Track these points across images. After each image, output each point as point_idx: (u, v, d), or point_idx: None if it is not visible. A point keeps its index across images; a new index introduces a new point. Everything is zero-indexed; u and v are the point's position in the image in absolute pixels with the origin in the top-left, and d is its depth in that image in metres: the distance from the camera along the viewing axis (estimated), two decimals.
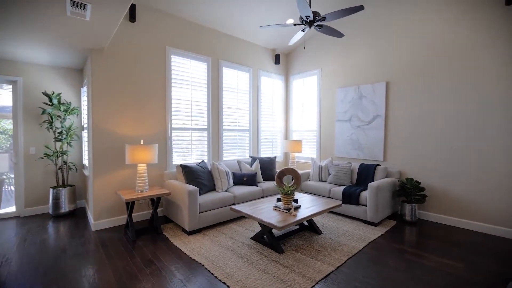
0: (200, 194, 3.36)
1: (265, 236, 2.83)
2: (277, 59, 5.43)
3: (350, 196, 3.62)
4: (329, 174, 4.34)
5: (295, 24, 2.95)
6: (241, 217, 3.69)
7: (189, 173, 3.37)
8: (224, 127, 4.55)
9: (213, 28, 4.32)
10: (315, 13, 2.77)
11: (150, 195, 2.99)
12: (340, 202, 3.29)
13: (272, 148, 5.53)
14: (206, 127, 4.29)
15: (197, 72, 4.13)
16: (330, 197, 3.95)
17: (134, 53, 3.46)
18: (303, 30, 3.08)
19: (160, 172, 3.74)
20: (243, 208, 2.84)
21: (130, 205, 3.00)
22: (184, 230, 3.13)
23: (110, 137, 3.29)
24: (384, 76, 4.13)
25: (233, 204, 3.52)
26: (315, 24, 2.91)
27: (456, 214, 3.42)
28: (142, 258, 2.51)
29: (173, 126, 3.87)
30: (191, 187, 3.05)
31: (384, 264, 2.40)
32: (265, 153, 5.36)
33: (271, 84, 5.45)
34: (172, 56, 3.82)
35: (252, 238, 2.89)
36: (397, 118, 3.99)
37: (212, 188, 3.60)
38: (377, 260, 2.48)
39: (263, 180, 4.38)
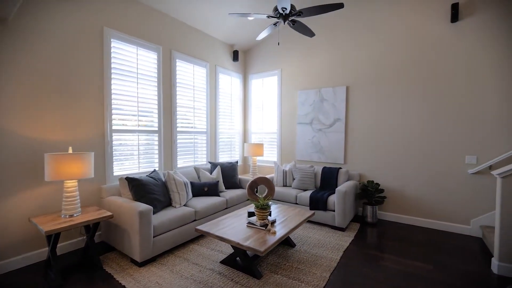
0: (154, 212, 2.74)
1: (238, 258, 2.44)
2: (235, 55, 5.04)
3: (318, 202, 3.52)
4: (294, 179, 4.20)
5: (268, 16, 2.63)
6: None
7: (139, 187, 2.71)
8: (178, 129, 3.94)
9: (166, 13, 3.66)
10: (292, 6, 2.50)
11: (84, 222, 2.25)
12: (313, 211, 3.14)
13: (230, 151, 5.13)
14: (156, 128, 3.62)
15: (145, 62, 3.43)
16: (296, 203, 3.79)
17: (57, 31, 2.59)
18: (275, 24, 2.80)
19: (97, 186, 2.94)
20: (211, 228, 2.38)
21: (53, 237, 2.20)
22: (133, 261, 2.48)
23: (18, 143, 2.38)
24: (344, 80, 4.19)
25: (195, 220, 3.01)
26: (290, 18, 2.65)
27: (412, 213, 3.66)
28: None
29: (114, 127, 3.10)
30: (143, 206, 2.43)
31: (365, 276, 2.30)
32: (223, 157, 4.92)
33: (230, 82, 5.04)
34: (112, 40, 3.04)
35: (222, 262, 2.47)
36: (356, 122, 4.10)
37: (168, 203, 3.01)
38: (357, 272, 2.37)
39: (225, 188, 3.96)
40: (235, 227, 2.41)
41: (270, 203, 2.46)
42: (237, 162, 4.30)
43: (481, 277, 2.31)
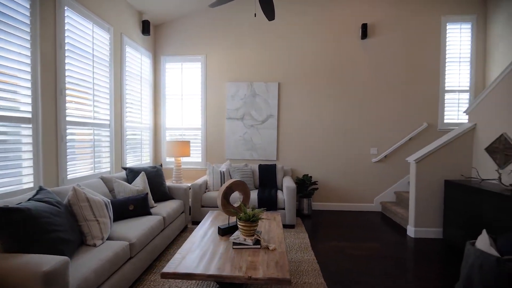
0: None
1: None
2: (145, 27, 3.88)
3: (267, 202, 3.28)
4: None
5: None
6: (145, 271, 2.13)
7: (26, 224, 1.39)
8: (68, 118, 2.49)
9: None
10: None
11: None
12: (273, 212, 2.86)
13: (141, 151, 3.91)
14: (29, 115, 2.10)
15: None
16: None
17: None
18: None
19: None
20: (189, 266, 1.58)
21: None
22: None
23: None
24: (277, 76, 4.18)
25: (131, 258, 1.96)
26: None
27: (334, 200, 4.16)
28: None
29: None
30: (50, 261, 1.25)
31: (350, 270, 2.30)
32: (130, 160, 3.66)
33: (139, 61, 3.82)
34: None
35: None
36: (287, 119, 4.20)
37: (80, 241, 1.78)
38: (340, 267, 2.34)
39: (154, 202, 2.90)
40: (222, 255, 1.73)
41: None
42: (161, 165, 3.28)
43: (406, 242, 2.89)
